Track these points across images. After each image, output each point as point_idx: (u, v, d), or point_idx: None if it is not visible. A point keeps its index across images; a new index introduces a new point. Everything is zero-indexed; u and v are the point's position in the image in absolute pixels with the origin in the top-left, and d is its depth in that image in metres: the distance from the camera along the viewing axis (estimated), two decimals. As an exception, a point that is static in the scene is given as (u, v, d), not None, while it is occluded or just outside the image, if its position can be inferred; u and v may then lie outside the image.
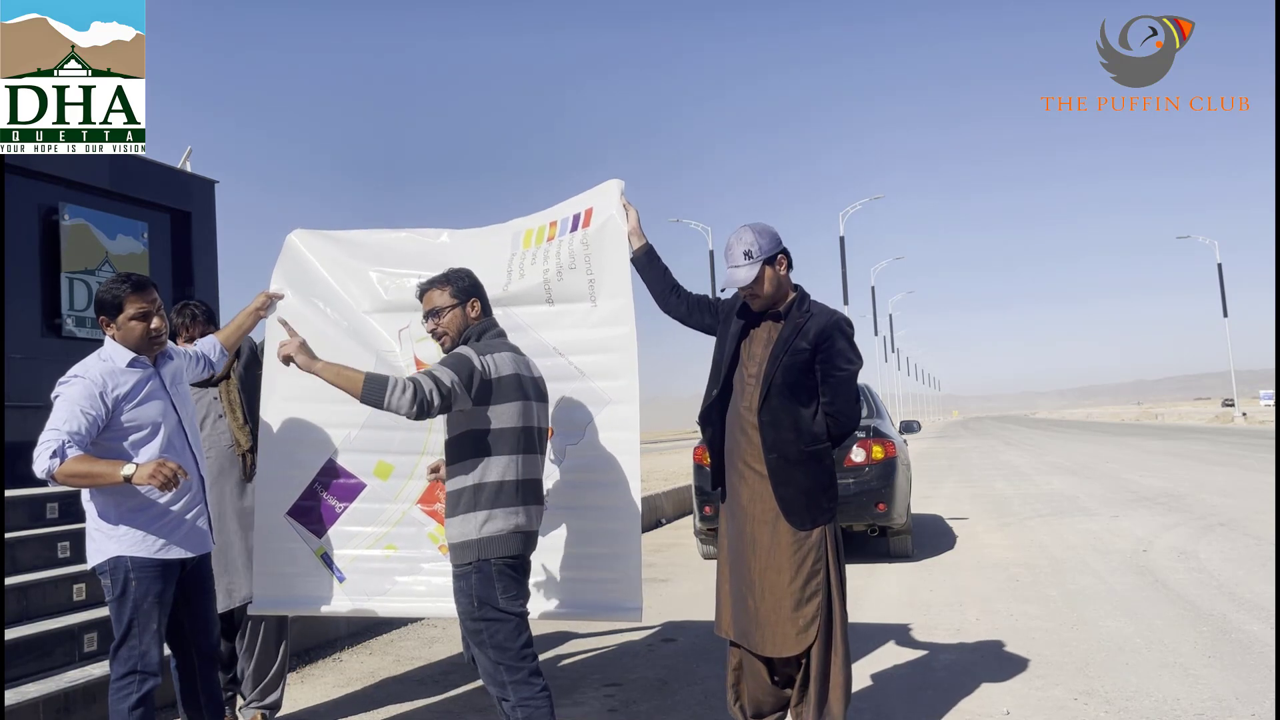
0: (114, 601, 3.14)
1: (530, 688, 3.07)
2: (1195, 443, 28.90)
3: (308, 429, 3.88)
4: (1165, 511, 11.31)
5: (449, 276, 3.32)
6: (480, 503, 3.08)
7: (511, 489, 3.11)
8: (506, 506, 3.09)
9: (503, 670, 3.07)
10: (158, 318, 3.20)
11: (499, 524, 3.08)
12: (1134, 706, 4.17)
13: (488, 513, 3.07)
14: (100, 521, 3.15)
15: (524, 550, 3.17)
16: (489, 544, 3.07)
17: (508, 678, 3.07)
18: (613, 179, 3.81)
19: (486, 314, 3.35)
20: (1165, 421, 62.37)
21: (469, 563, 3.08)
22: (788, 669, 3.43)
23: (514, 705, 3.06)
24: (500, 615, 3.08)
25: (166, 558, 3.18)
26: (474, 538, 3.07)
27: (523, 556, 3.18)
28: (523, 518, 3.14)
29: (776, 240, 3.40)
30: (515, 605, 3.11)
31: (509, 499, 3.10)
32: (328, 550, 3.85)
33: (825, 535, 3.37)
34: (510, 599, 3.10)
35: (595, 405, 3.69)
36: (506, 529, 3.09)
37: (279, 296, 3.93)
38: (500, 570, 3.08)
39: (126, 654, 3.11)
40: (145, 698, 3.10)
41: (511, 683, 3.06)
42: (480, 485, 3.09)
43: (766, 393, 3.35)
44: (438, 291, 3.29)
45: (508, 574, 3.10)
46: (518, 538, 3.12)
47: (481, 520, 3.07)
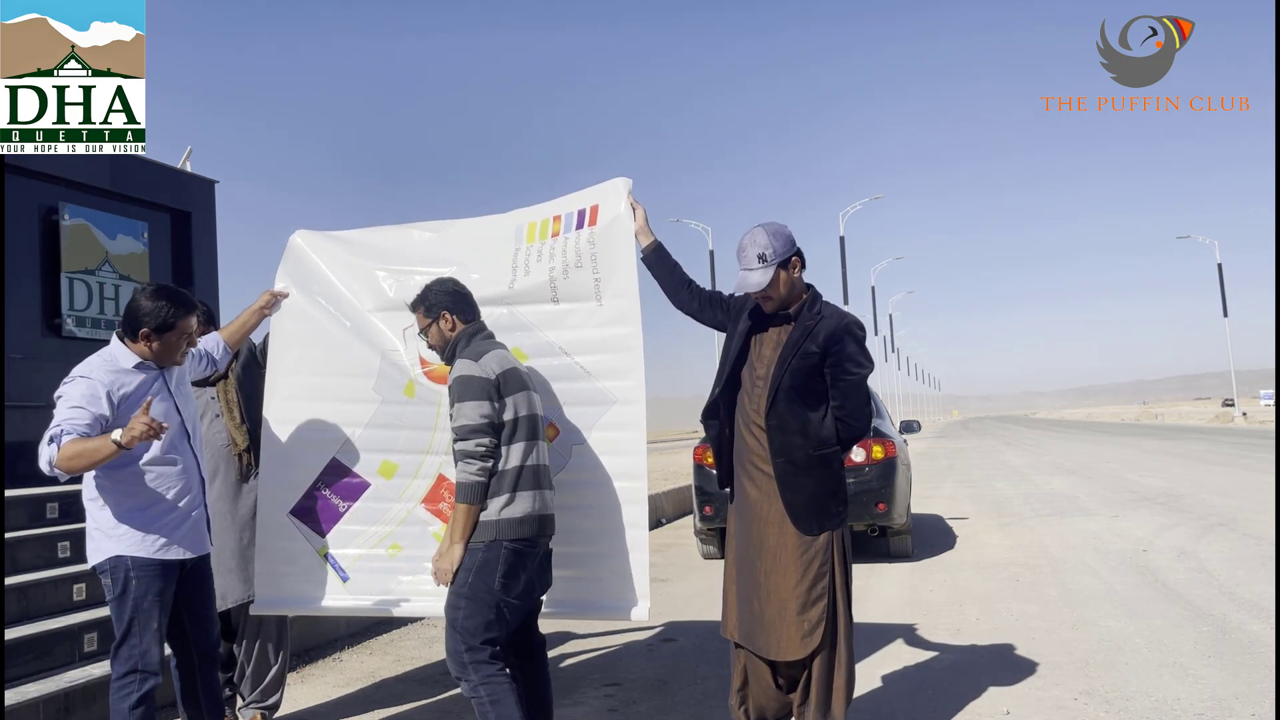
0: (114, 601, 3.15)
1: (492, 666, 3.12)
2: (1195, 443, 28.91)
3: (311, 429, 3.87)
4: (1165, 511, 11.31)
5: (422, 295, 3.44)
6: (502, 488, 3.17)
7: (530, 474, 3.22)
8: (525, 490, 3.20)
9: (464, 652, 3.11)
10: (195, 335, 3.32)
11: (519, 507, 3.18)
12: (1134, 706, 4.17)
13: (509, 495, 3.17)
14: (100, 521, 3.16)
15: (539, 533, 3.25)
16: (507, 525, 3.16)
17: (468, 658, 3.11)
18: (620, 177, 3.80)
19: (468, 319, 3.41)
20: (1165, 421, 62.37)
21: (483, 541, 3.16)
22: (792, 672, 3.41)
23: (475, 685, 3.09)
24: (487, 596, 3.12)
25: (166, 557, 3.19)
26: (494, 518, 3.16)
27: (536, 540, 3.25)
28: (539, 502, 3.24)
29: (790, 242, 3.35)
30: (507, 591, 3.17)
31: (527, 483, 3.21)
32: (331, 550, 3.85)
33: (833, 539, 3.33)
34: (505, 586, 3.16)
35: (601, 405, 3.69)
36: (525, 512, 3.19)
37: (283, 295, 3.95)
38: (510, 553, 3.16)
39: (127, 653, 3.12)
40: (146, 697, 3.11)
41: (472, 663, 3.11)
42: (502, 472, 3.18)
43: (774, 396, 3.32)
44: (419, 314, 3.45)
45: (514, 559, 3.17)
46: (534, 521, 3.21)
47: (503, 503, 3.17)
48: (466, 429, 3.12)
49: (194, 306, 3.30)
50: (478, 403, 3.14)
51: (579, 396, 3.71)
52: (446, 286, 3.44)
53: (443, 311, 3.38)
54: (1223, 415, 58.34)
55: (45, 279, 6.42)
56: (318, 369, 3.91)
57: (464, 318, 3.40)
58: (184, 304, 3.24)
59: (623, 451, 3.69)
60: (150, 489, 3.18)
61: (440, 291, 3.41)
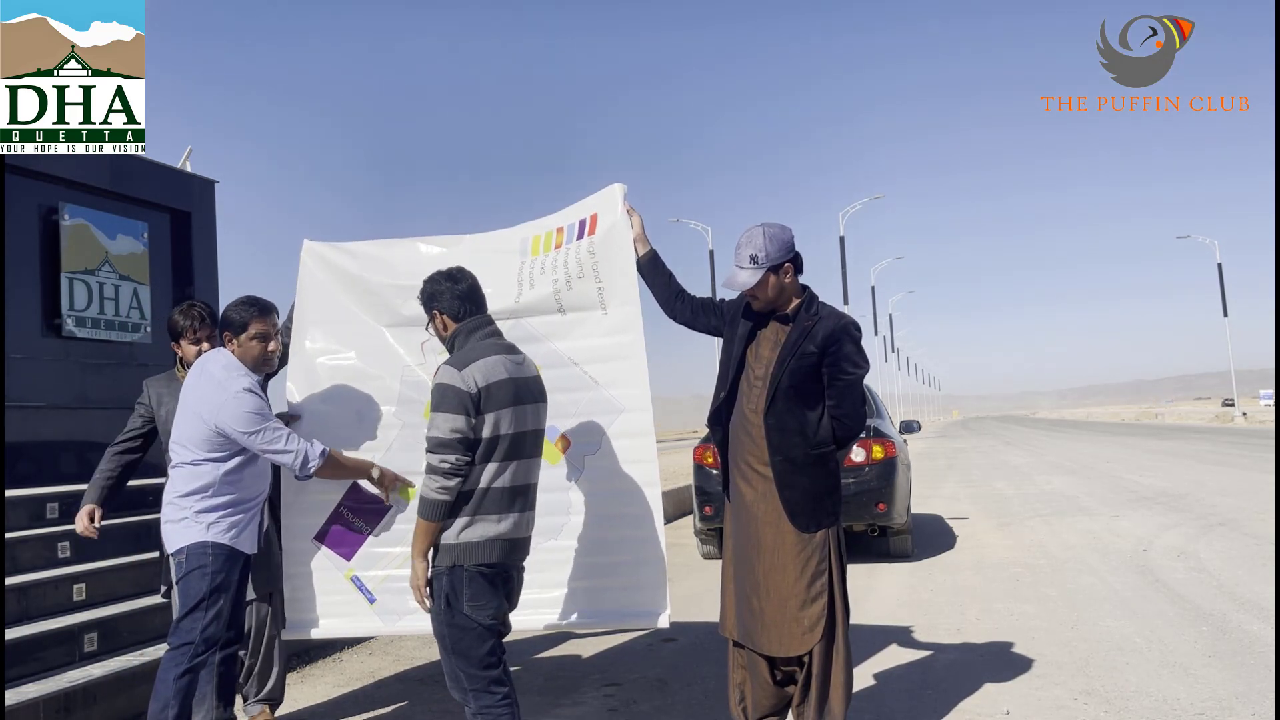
0: (186, 578, 3.35)
1: (491, 696, 3.03)
2: (1195, 442, 28.90)
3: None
4: (1165, 511, 11.31)
5: (421, 290, 3.29)
6: (464, 510, 3.02)
7: (496, 496, 3.03)
8: (488, 514, 3.03)
9: (463, 678, 3.05)
10: (275, 340, 3.53)
11: (478, 530, 3.01)
12: (1134, 706, 4.17)
13: (468, 519, 3.01)
14: (188, 509, 3.37)
15: (505, 558, 3.08)
16: (465, 550, 3.01)
17: (468, 685, 3.04)
18: (615, 184, 3.81)
19: (459, 316, 3.20)
20: (1165, 421, 62.37)
21: (444, 566, 3.04)
22: (790, 668, 3.44)
23: (474, 713, 3.05)
24: (464, 622, 3.02)
25: (241, 548, 3.46)
26: (451, 542, 3.01)
27: (502, 565, 3.08)
28: (506, 525, 3.05)
29: (787, 247, 3.35)
30: (481, 614, 3.03)
31: (492, 506, 3.03)
32: (356, 572, 3.86)
33: (829, 537, 3.37)
34: (477, 607, 3.02)
35: (610, 414, 3.71)
36: (485, 536, 3.02)
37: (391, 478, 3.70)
38: (472, 577, 3.01)
39: (189, 626, 3.32)
40: (192, 670, 3.31)
41: (472, 690, 3.04)
42: (463, 493, 3.01)
43: (773, 396, 3.35)
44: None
45: (479, 581, 3.02)
46: (498, 545, 3.04)
47: (462, 525, 3.01)
48: (436, 441, 2.96)
49: (270, 311, 3.53)
50: (451, 415, 2.96)
51: (589, 406, 3.73)
52: (435, 285, 3.24)
53: (433, 311, 3.25)
54: (1223, 415, 58.34)
55: (45, 279, 6.41)
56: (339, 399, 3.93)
57: (454, 315, 3.20)
58: (260, 307, 3.50)
59: (635, 459, 3.70)
60: (247, 484, 3.46)
61: (429, 293, 3.25)
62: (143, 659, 4.49)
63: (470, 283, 3.25)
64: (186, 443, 3.39)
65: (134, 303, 6.97)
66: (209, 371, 3.42)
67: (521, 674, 5.03)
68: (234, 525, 3.42)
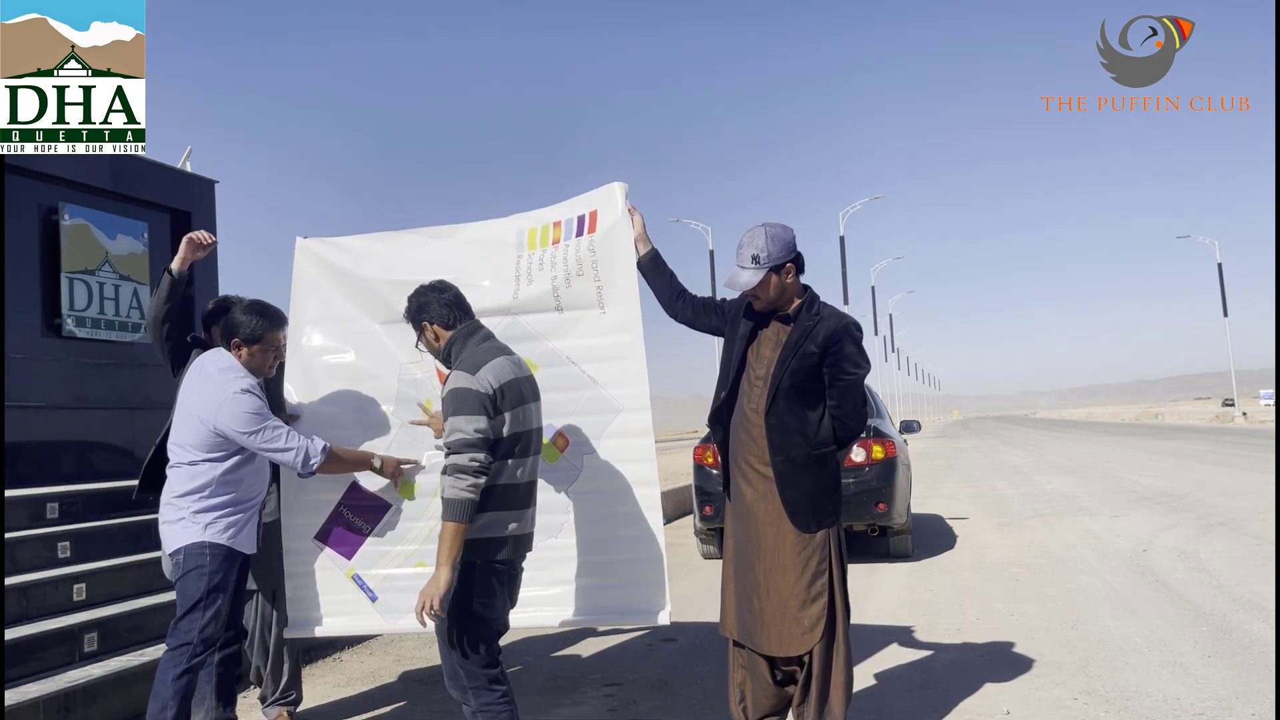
0: (185, 577, 3.35)
1: (491, 694, 3.04)
2: (1195, 442, 28.91)
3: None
4: (1165, 511, 11.31)
5: (406, 310, 3.33)
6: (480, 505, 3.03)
7: (509, 493, 3.09)
8: (502, 510, 3.07)
9: (463, 675, 3.05)
10: (281, 352, 3.61)
11: (494, 527, 3.06)
12: (1134, 706, 4.17)
13: (484, 515, 3.04)
14: (186, 508, 3.38)
15: (514, 555, 3.14)
16: (481, 546, 3.04)
17: (468, 683, 3.05)
18: (616, 182, 3.80)
19: (450, 324, 3.23)
20: (1165, 421, 62.37)
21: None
22: (790, 668, 3.44)
23: (474, 711, 3.06)
24: (469, 617, 3.04)
25: (239, 549, 3.47)
26: (469, 538, 3.03)
27: (511, 562, 3.14)
28: (516, 522, 3.12)
29: (788, 248, 3.35)
30: (487, 611, 3.06)
31: (505, 503, 3.08)
32: (358, 570, 3.85)
33: (829, 537, 3.37)
34: (484, 604, 3.05)
35: (608, 413, 3.70)
36: (500, 532, 3.07)
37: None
38: (484, 573, 3.05)
39: (186, 626, 3.33)
40: (191, 670, 3.32)
41: (471, 688, 3.05)
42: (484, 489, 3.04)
43: (773, 396, 3.35)
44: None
45: (490, 578, 3.07)
46: (510, 541, 3.10)
47: (479, 522, 3.03)
48: (461, 442, 2.96)
49: (283, 323, 3.61)
50: (473, 417, 2.97)
51: (587, 405, 3.72)
52: (422, 298, 3.28)
53: (424, 323, 3.26)
54: (1223, 415, 58.35)
55: (45, 279, 6.42)
56: (337, 399, 3.93)
57: (445, 324, 3.23)
58: (274, 320, 3.55)
59: (634, 459, 3.69)
60: (245, 484, 3.48)
61: (416, 307, 3.27)
62: (142, 659, 4.49)
63: (455, 290, 3.32)
64: (184, 444, 3.40)
65: (134, 303, 6.98)
66: (207, 373, 3.43)
67: (521, 674, 5.03)
68: (232, 525, 3.43)
